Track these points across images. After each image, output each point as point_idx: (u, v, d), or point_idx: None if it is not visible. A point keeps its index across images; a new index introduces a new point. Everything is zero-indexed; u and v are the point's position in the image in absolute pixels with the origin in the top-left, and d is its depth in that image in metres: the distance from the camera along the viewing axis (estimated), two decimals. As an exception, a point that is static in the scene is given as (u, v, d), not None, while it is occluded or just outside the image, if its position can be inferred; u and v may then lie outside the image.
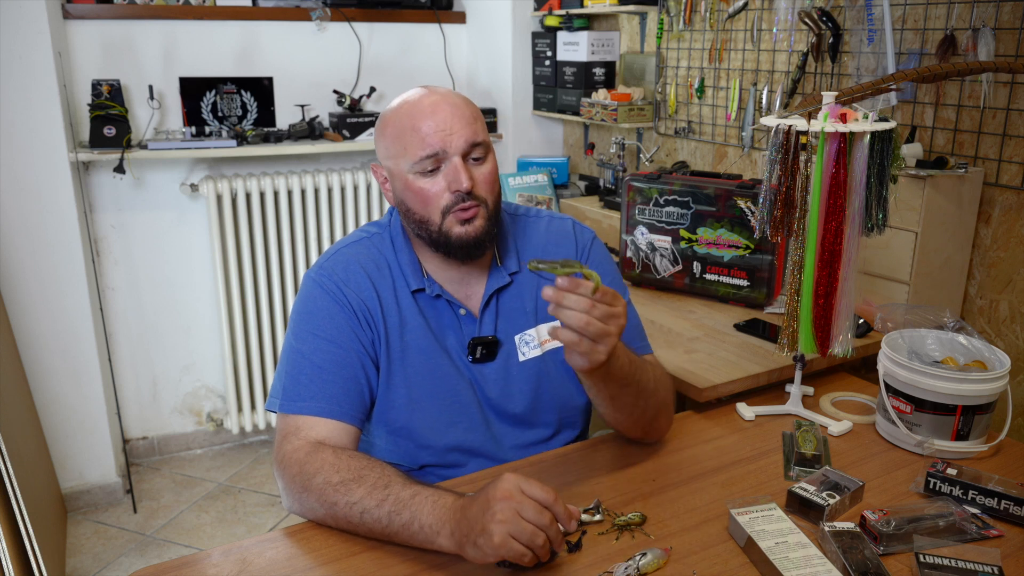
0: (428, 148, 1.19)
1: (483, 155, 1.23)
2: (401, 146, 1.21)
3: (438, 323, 1.30)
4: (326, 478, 1.10)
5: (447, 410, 1.29)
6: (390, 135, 1.24)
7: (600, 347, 1.05)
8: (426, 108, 1.20)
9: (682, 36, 2.61)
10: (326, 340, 1.23)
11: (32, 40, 2.39)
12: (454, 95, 1.24)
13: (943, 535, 1.10)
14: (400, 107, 1.24)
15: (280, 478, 1.17)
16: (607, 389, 1.18)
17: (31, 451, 2.40)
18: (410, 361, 1.27)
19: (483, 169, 1.23)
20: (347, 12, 2.97)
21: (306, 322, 1.25)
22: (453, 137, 1.19)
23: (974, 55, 1.82)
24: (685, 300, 2.03)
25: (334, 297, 1.25)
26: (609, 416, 1.27)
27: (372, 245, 1.31)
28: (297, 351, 1.24)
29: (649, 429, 1.32)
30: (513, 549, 0.96)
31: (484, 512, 0.97)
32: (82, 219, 2.62)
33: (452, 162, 1.20)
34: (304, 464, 1.13)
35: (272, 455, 1.22)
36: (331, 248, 1.33)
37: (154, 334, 2.98)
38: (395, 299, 1.28)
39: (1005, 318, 1.90)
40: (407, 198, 1.24)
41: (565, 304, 1.03)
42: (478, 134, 1.22)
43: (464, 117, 1.21)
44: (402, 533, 1.05)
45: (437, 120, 1.19)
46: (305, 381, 1.21)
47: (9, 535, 1.80)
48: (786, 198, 1.33)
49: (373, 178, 3.00)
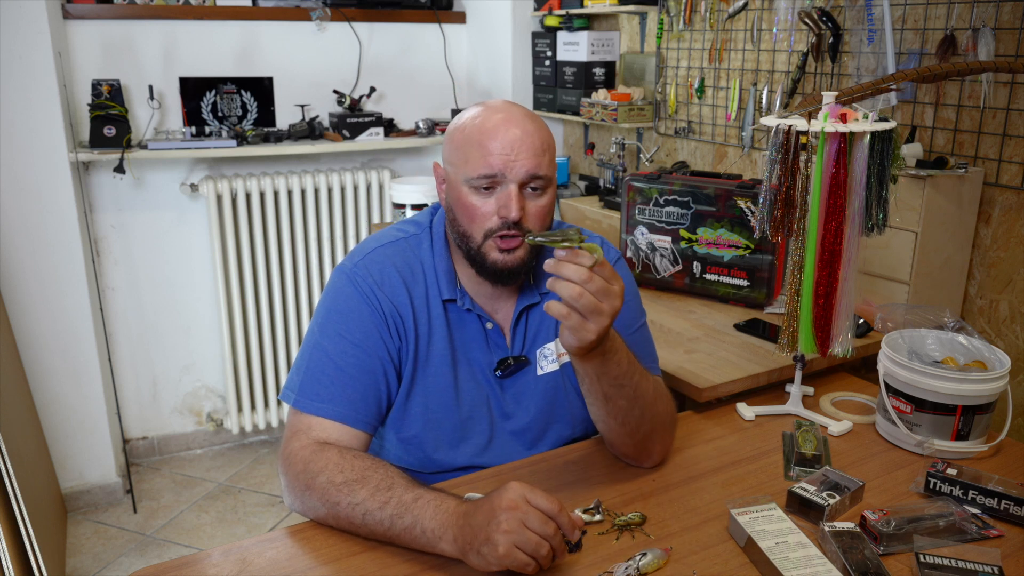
0: (488, 168, 1.17)
1: (543, 187, 1.21)
2: (464, 157, 1.19)
3: (462, 335, 1.28)
4: (329, 477, 1.10)
5: (460, 426, 1.28)
6: (457, 142, 1.21)
7: (590, 324, 1.02)
8: (498, 126, 1.18)
9: (682, 36, 2.61)
10: (352, 343, 1.21)
11: (32, 40, 2.39)
12: (529, 120, 1.21)
13: (943, 535, 1.10)
14: (475, 117, 1.21)
15: (284, 475, 1.16)
16: (601, 385, 1.15)
17: (31, 451, 2.40)
18: (431, 372, 1.26)
19: (538, 202, 1.21)
20: (347, 12, 2.97)
21: (335, 321, 1.22)
22: (516, 164, 1.17)
23: (974, 55, 1.82)
24: (685, 300, 2.03)
25: (367, 299, 1.22)
26: (603, 423, 1.23)
27: (408, 247, 1.29)
28: (322, 348, 1.22)
29: (644, 445, 1.26)
30: (517, 559, 0.95)
31: (489, 521, 0.97)
32: (82, 219, 2.62)
33: (508, 188, 1.17)
34: (308, 462, 1.13)
35: (279, 450, 1.22)
36: (366, 244, 1.29)
37: (154, 334, 2.98)
38: (427, 307, 1.26)
39: (1005, 318, 1.90)
40: (457, 208, 1.22)
41: (562, 274, 1.02)
42: (542, 167, 1.19)
43: (533, 147, 1.18)
44: (404, 536, 1.05)
45: (505, 142, 1.17)
46: (326, 382, 1.19)
47: (9, 535, 1.80)
48: (786, 198, 1.33)
49: (373, 178, 3.01)
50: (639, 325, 1.35)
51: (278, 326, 3.02)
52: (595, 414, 1.22)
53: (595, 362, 1.11)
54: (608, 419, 1.21)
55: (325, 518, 1.12)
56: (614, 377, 1.14)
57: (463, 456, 1.28)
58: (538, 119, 1.23)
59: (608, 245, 1.39)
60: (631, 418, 1.20)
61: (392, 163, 3.19)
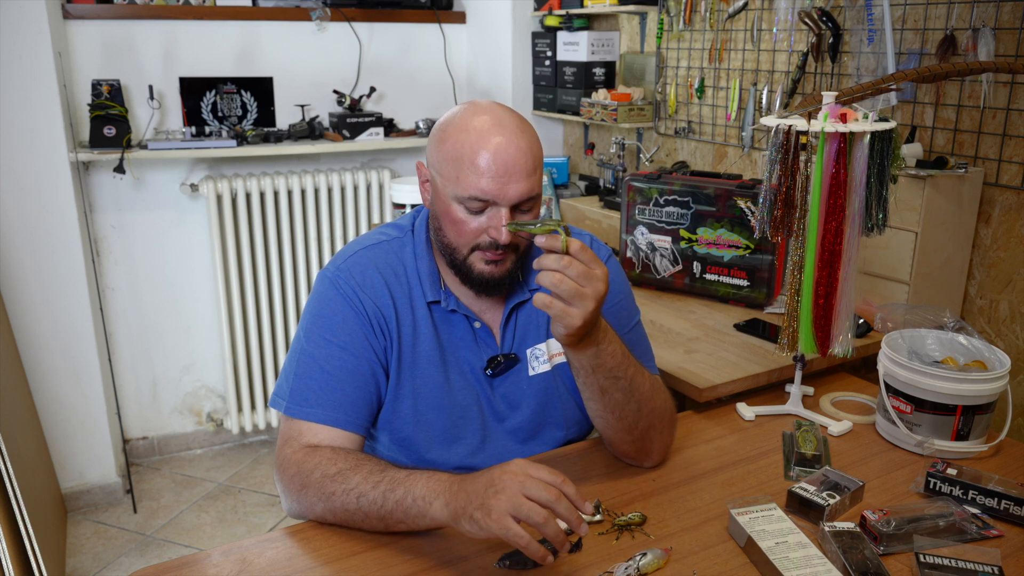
0: (480, 192, 1.15)
1: (531, 207, 1.20)
2: (455, 172, 1.16)
3: (450, 335, 1.28)
4: (324, 471, 1.10)
5: (452, 425, 1.27)
6: (447, 154, 1.18)
7: (573, 310, 1.01)
8: (492, 146, 1.14)
9: (682, 36, 2.60)
10: (339, 347, 1.21)
11: (32, 40, 2.39)
12: (522, 135, 1.17)
13: (943, 535, 1.10)
14: (467, 128, 1.17)
15: (279, 481, 1.17)
16: (596, 378, 1.14)
17: (31, 451, 2.40)
18: (419, 373, 1.26)
19: (526, 217, 1.20)
20: (347, 12, 2.97)
21: (320, 325, 1.23)
22: (508, 188, 1.15)
23: (974, 55, 1.82)
24: (685, 300, 2.03)
25: (349, 301, 1.22)
26: (601, 419, 1.23)
27: (391, 250, 1.28)
28: (308, 354, 1.22)
29: (643, 443, 1.25)
30: (510, 529, 0.92)
31: (486, 488, 0.96)
32: (82, 219, 2.62)
33: (500, 211, 1.16)
34: (301, 464, 1.13)
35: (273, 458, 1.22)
36: (348, 248, 1.29)
37: (154, 334, 2.98)
38: (411, 308, 1.26)
39: (1005, 318, 1.90)
40: (444, 220, 1.21)
41: (543, 265, 1.01)
42: (534, 188, 1.17)
43: (525, 168, 1.16)
44: (396, 511, 1.04)
45: (499, 163, 1.14)
46: (315, 387, 1.19)
47: (9, 535, 1.80)
48: (786, 198, 1.33)
49: (373, 178, 3.01)
50: (633, 324, 1.35)
51: (278, 326, 3.02)
52: (592, 410, 1.22)
53: (588, 352, 1.10)
54: (605, 414, 1.20)
55: (323, 514, 1.12)
56: (609, 369, 1.13)
57: (456, 456, 1.28)
58: (528, 128, 1.20)
59: (598, 242, 1.39)
60: (628, 412, 1.20)
61: (392, 163, 3.19)
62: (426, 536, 1.10)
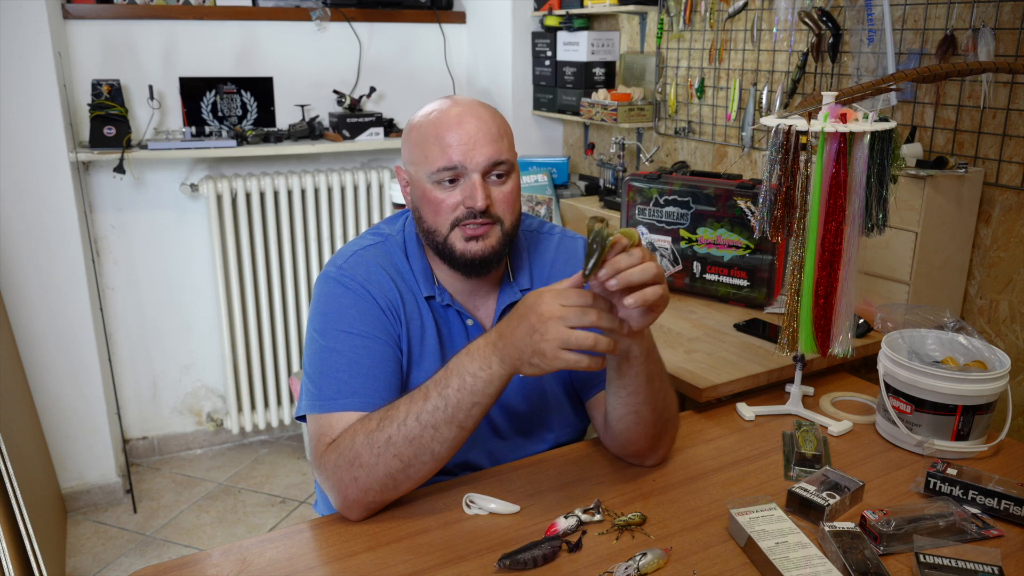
0: (448, 160, 1.17)
1: (505, 173, 1.21)
2: (423, 154, 1.20)
3: (448, 332, 1.28)
4: (365, 432, 1.09)
5: None
6: (414, 141, 1.22)
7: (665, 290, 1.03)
8: (452, 119, 1.19)
9: (682, 36, 2.60)
10: (359, 335, 1.19)
11: (32, 40, 2.40)
12: (483, 109, 1.22)
13: (943, 535, 1.10)
14: (428, 115, 1.22)
15: (325, 479, 1.12)
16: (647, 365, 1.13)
17: (31, 451, 2.40)
18: (425, 367, 1.25)
19: (503, 188, 1.21)
20: (347, 12, 2.97)
21: (334, 321, 1.20)
22: (475, 153, 1.17)
23: (974, 55, 1.82)
24: (685, 300, 2.03)
25: (359, 294, 1.21)
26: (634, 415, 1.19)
27: (385, 250, 1.28)
28: (329, 349, 1.19)
29: (661, 437, 1.25)
30: (568, 360, 0.99)
31: (531, 334, 1.00)
32: (82, 219, 2.62)
33: (471, 179, 1.18)
34: (339, 444, 1.11)
35: (311, 462, 1.19)
36: (345, 250, 1.29)
37: (154, 334, 2.98)
38: (416, 303, 1.26)
39: (1005, 318, 1.90)
40: (422, 206, 1.22)
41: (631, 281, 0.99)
42: (502, 152, 1.19)
43: (490, 133, 1.19)
44: (464, 398, 1.06)
45: (461, 133, 1.17)
46: (344, 378, 1.17)
47: (9, 535, 1.80)
48: (786, 198, 1.33)
49: (373, 178, 3.01)
50: None
51: (278, 326, 3.02)
52: (631, 405, 1.18)
53: (647, 336, 1.13)
54: (642, 407, 1.18)
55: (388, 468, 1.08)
56: (654, 354, 1.17)
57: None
58: (491, 107, 1.25)
59: None
60: (659, 400, 1.19)
61: (392, 163, 3.19)
62: (426, 536, 1.11)
